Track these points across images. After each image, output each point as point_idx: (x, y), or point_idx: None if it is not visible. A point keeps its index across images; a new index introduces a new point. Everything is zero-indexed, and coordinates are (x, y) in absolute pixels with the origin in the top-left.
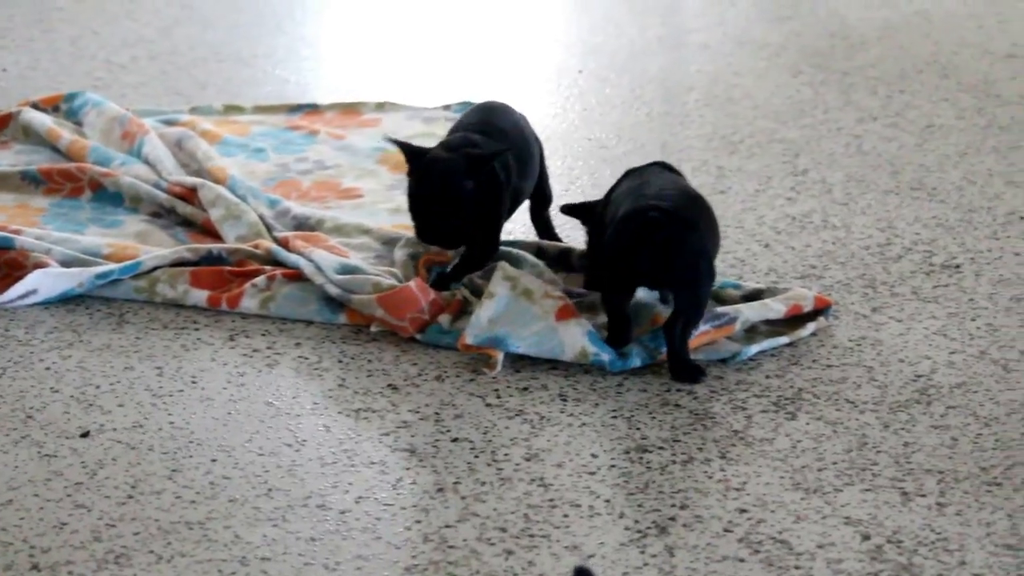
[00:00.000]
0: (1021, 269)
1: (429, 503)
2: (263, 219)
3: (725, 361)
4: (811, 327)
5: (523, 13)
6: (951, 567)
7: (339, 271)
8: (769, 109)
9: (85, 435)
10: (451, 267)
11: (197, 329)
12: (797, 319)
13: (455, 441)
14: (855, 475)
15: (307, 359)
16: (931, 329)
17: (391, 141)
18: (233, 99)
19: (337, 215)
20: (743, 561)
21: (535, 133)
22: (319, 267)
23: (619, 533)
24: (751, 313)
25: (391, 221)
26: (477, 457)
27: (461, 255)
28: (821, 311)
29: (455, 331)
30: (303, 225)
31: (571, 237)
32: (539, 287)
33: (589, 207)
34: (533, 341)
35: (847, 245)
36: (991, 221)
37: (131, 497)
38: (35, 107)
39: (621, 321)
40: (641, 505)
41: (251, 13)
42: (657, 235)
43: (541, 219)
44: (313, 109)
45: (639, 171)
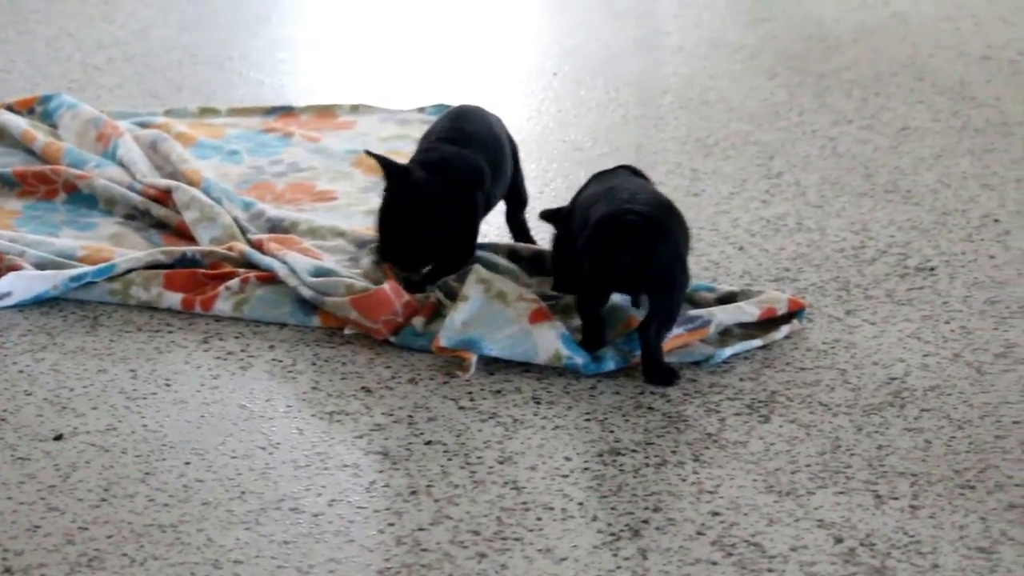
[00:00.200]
0: (995, 272)
1: (402, 506)
2: (237, 221)
3: (699, 364)
4: (785, 330)
5: (498, 15)
6: (924, 570)
7: (313, 273)
8: (744, 111)
9: (59, 438)
10: (426, 270)
11: (171, 332)
12: (771, 322)
13: (428, 444)
14: (828, 478)
15: (281, 362)
16: (905, 332)
17: (369, 154)
18: (208, 101)
19: (311, 217)
20: (716, 564)
21: (510, 135)
22: (293, 269)
23: (592, 536)
24: (725, 316)
25: (365, 223)
26: (450, 460)
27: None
28: (795, 314)
29: (429, 333)
30: (277, 227)
31: (546, 240)
32: (513, 290)
33: (558, 212)
34: (507, 344)
35: (821, 248)
36: (965, 224)
37: (104, 500)
38: (10, 109)
39: (595, 324)
40: (614, 508)
41: (227, 16)
42: (635, 240)
43: (516, 222)
44: (288, 111)
45: (606, 174)
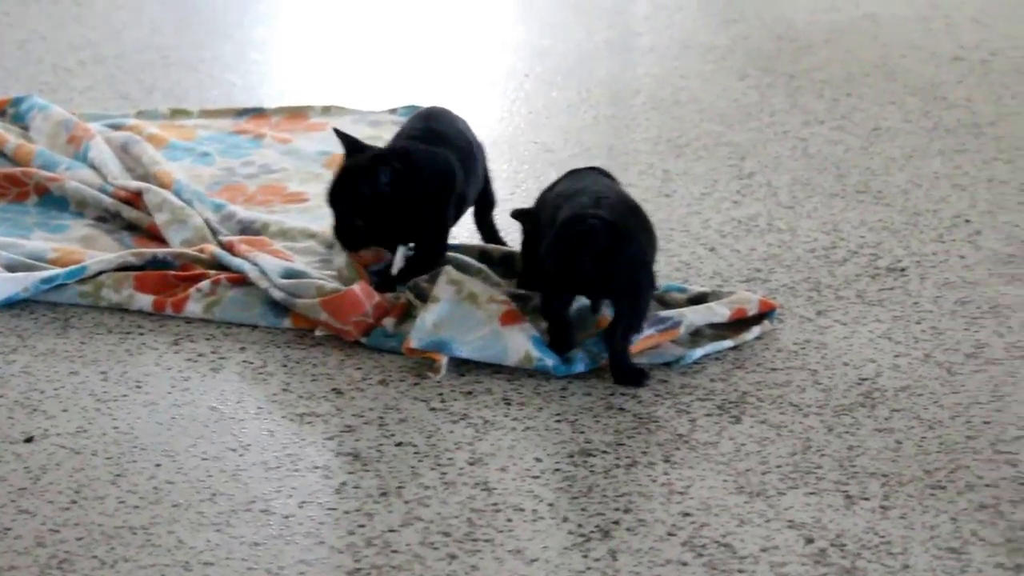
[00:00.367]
0: (966, 272)
1: (373, 507)
2: (208, 223)
3: (669, 365)
4: (756, 331)
5: (470, 16)
6: (895, 570)
7: (284, 275)
8: (715, 112)
9: (29, 440)
10: (398, 270)
11: (142, 334)
12: (742, 323)
13: (399, 445)
14: (799, 478)
15: (252, 363)
16: (876, 332)
17: (336, 132)
18: (180, 103)
19: (282, 219)
20: (686, 565)
21: (477, 138)
22: (264, 271)
23: (562, 537)
24: (696, 317)
25: None
26: (421, 461)
27: (408, 258)
28: (766, 314)
29: (400, 335)
30: (248, 229)
31: (516, 241)
32: (484, 291)
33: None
34: (477, 346)
35: (792, 248)
36: (936, 224)
37: (75, 502)
38: None
39: (562, 326)
40: (584, 509)
41: (198, 17)
42: (596, 244)
43: (485, 223)
44: (259, 113)
45: (577, 174)
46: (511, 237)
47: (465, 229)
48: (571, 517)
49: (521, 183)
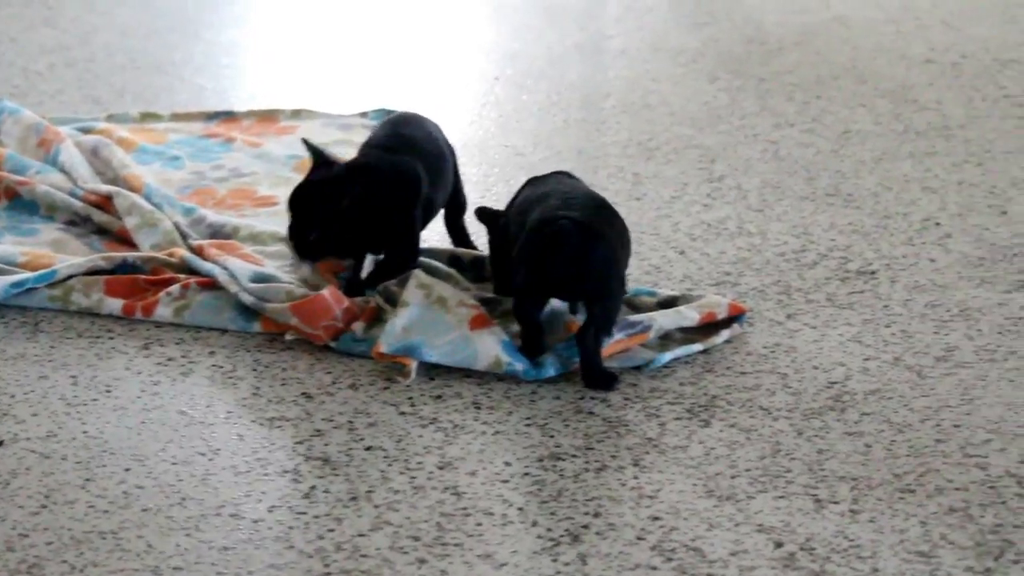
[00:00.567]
0: (936, 275)
1: (342, 512)
2: (178, 227)
3: (639, 368)
4: (725, 334)
5: (440, 20)
6: (864, 574)
7: (253, 279)
8: (685, 115)
9: None
10: (367, 274)
11: (112, 338)
12: (711, 326)
13: (369, 450)
14: (768, 482)
15: (221, 367)
16: (846, 336)
17: (305, 143)
18: (150, 106)
19: (252, 223)
20: (656, 569)
21: (448, 142)
22: (233, 275)
23: (532, 541)
24: (665, 321)
25: None
26: (390, 466)
27: (378, 263)
28: (735, 318)
29: (369, 339)
30: (218, 233)
31: (486, 244)
32: (453, 295)
33: (494, 214)
34: (447, 350)
35: (762, 252)
36: (907, 227)
37: (44, 507)
38: None
39: (534, 330)
40: (554, 513)
41: (169, 21)
42: (568, 246)
43: (456, 227)
44: (229, 116)
45: (540, 179)
46: (482, 241)
47: (435, 233)
48: (541, 521)
49: (491, 187)
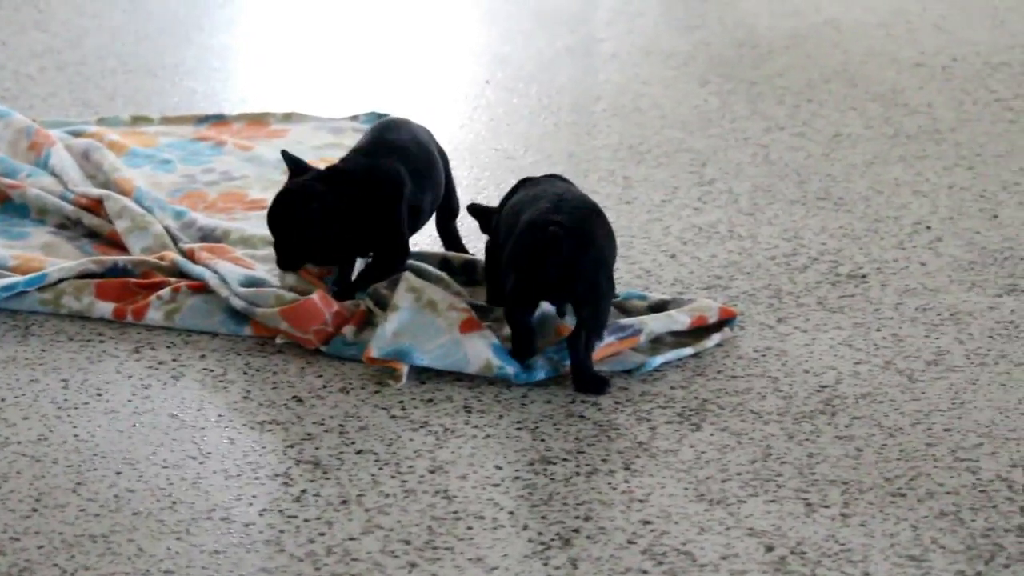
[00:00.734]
0: (927, 279)
1: (333, 515)
2: (169, 231)
3: (630, 372)
4: (716, 338)
5: (431, 23)
6: None
7: (244, 283)
8: (676, 119)
9: None
10: (357, 275)
11: (102, 341)
12: (702, 330)
13: (359, 453)
14: (759, 486)
15: (212, 371)
16: (836, 339)
17: (283, 153)
18: (141, 110)
19: (243, 227)
20: (646, 573)
21: (440, 146)
22: (224, 279)
23: (522, 545)
24: (656, 325)
25: None
26: (381, 469)
27: (367, 264)
28: (726, 322)
29: (360, 343)
30: (209, 237)
31: (477, 248)
32: (443, 298)
33: (490, 214)
34: (438, 354)
35: (753, 255)
36: (897, 231)
37: (35, 510)
38: None
39: (525, 334)
40: (545, 517)
41: (160, 24)
42: (558, 250)
43: (447, 230)
44: (220, 120)
45: (532, 181)
46: (472, 245)
47: (427, 236)
48: (531, 525)
49: (482, 190)
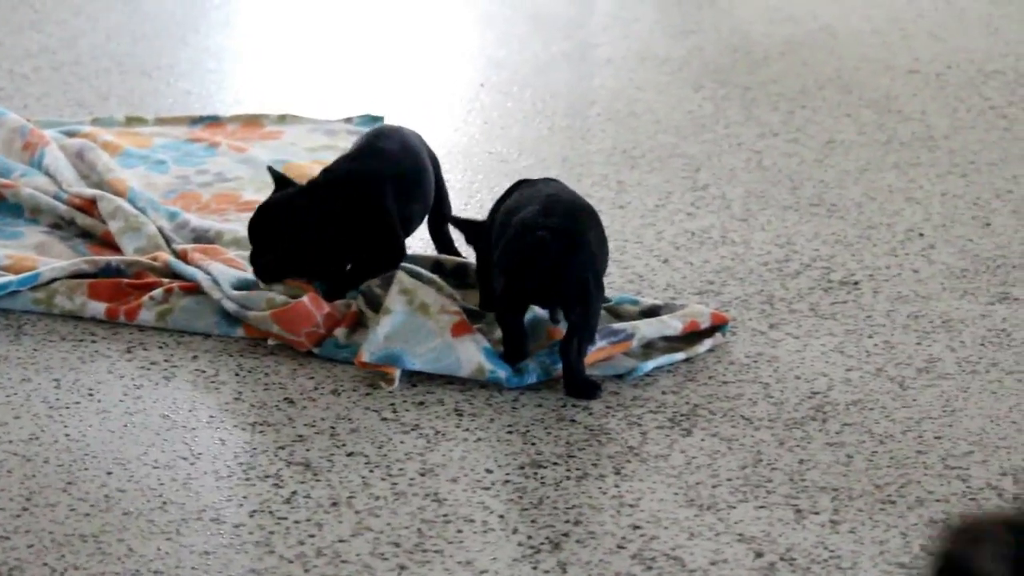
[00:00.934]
0: (919, 286)
1: (323, 517)
2: (162, 231)
3: (621, 377)
4: (708, 343)
5: (427, 26)
6: None
7: (236, 286)
8: (670, 124)
9: None
10: (349, 270)
11: (95, 341)
12: (694, 335)
13: (350, 455)
14: (749, 492)
15: (204, 372)
16: (828, 346)
17: (269, 169)
18: (135, 110)
19: (236, 228)
20: None
21: (431, 151)
22: (216, 281)
23: (512, 549)
24: (648, 329)
25: None
26: (372, 471)
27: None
28: (718, 327)
29: (352, 345)
30: (202, 238)
31: (469, 251)
32: (436, 301)
33: (476, 226)
34: (430, 358)
35: (746, 261)
36: (890, 238)
37: (25, 510)
38: None
39: (516, 337)
40: (535, 521)
41: (155, 25)
42: (547, 255)
43: (440, 234)
44: (215, 121)
45: (531, 183)
46: (465, 249)
47: (419, 240)
48: (521, 529)
49: (475, 193)
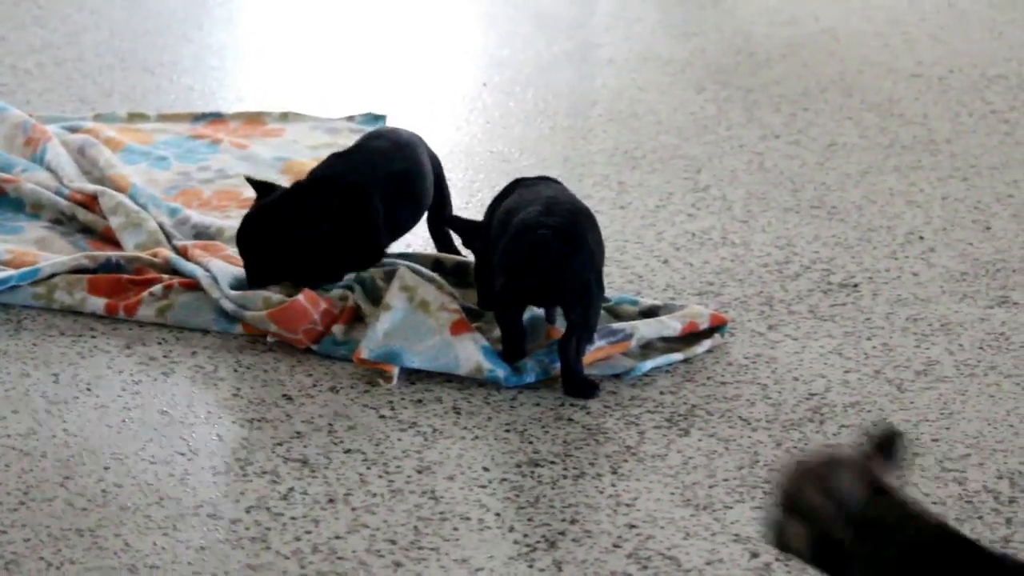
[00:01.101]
0: (918, 289)
1: (320, 514)
2: (163, 227)
3: (619, 376)
4: (707, 344)
5: (430, 25)
6: None
7: (234, 285)
8: (672, 125)
9: None
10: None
11: (94, 336)
12: (693, 336)
13: (348, 452)
14: (746, 492)
15: (203, 368)
16: (827, 348)
17: (247, 179)
18: (138, 107)
19: (237, 224)
20: None
21: (432, 152)
22: (215, 279)
23: (508, 547)
24: (647, 330)
25: None
26: (369, 469)
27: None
28: (717, 328)
29: (350, 342)
30: (203, 234)
31: (470, 251)
32: (435, 299)
33: (473, 227)
34: (429, 356)
35: (746, 262)
36: (890, 241)
37: (23, 503)
38: None
39: (515, 336)
40: (531, 519)
41: (158, 22)
42: (547, 255)
43: (440, 233)
44: (217, 118)
45: (529, 182)
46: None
47: (420, 238)
48: (517, 527)
49: (476, 192)
